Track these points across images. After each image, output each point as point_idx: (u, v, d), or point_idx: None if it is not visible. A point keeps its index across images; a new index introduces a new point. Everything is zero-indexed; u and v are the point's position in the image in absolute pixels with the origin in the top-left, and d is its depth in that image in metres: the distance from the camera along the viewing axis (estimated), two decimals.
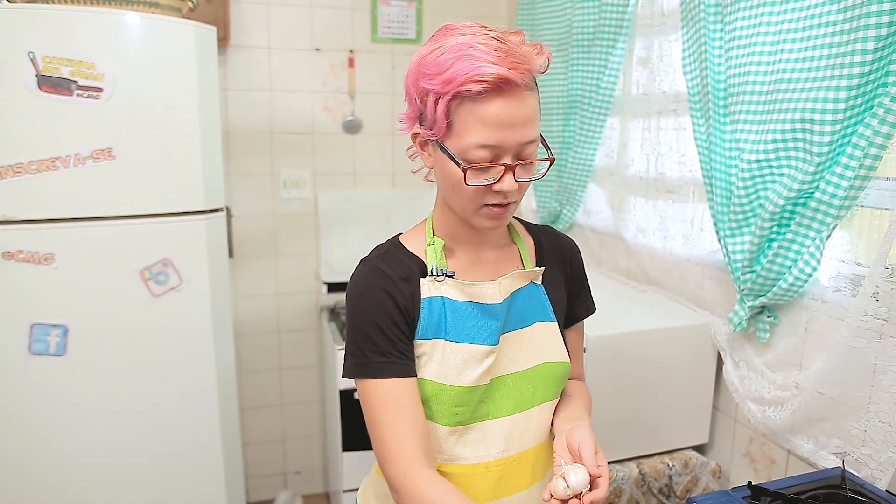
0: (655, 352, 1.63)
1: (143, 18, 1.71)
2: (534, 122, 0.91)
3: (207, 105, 1.83)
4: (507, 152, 0.90)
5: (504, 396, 1.03)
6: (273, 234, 2.68)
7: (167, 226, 1.81)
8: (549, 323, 1.08)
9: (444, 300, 1.01)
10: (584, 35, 2.10)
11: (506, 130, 0.88)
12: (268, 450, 2.83)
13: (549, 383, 1.07)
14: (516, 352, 1.04)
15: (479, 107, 0.87)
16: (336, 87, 2.64)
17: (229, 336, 2.01)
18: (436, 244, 1.04)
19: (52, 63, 1.64)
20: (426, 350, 1.00)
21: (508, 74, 0.85)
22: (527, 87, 0.89)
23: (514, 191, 0.93)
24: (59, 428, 1.79)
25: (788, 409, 1.40)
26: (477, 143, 0.89)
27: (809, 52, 1.27)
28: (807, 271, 1.34)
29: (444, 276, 1.02)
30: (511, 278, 1.05)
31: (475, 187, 0.92)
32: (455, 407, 1.01)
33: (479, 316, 1.02)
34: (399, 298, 0.98)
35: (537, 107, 0.93)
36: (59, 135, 1.68)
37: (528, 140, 0.91)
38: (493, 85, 0.86)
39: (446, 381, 0.99)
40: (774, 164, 1.37)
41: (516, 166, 0.91)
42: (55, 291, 1.74)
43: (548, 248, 1.12)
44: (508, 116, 0.88)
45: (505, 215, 0.97)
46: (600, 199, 2.26)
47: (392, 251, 1.05)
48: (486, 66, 0.85)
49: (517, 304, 1.05)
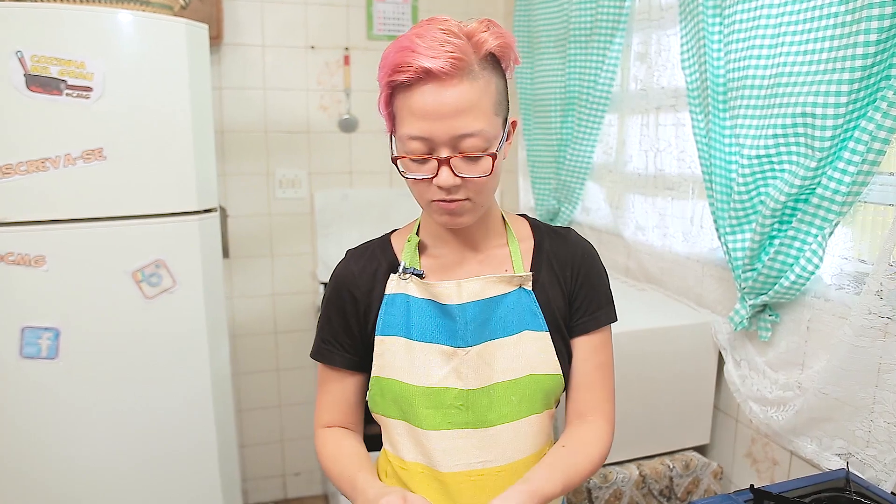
0: (655, 351, 1.60)
1: (133, 17, 1.69)
2: (470, 113, 0.87)
3: (200, 104, 1.81)
4: (441, 145, 0.88)
5: (487, 407, 0.99)
6: (269, 234, 2.65)
7: (160, 227, 1.79)
8: (538, 332, 1.01)
9: (407, 298, 1.02)
10: (582, 30, 2.07)
11: (434, 122, 0.87)
12: (266, 451, 2.81)
13: (537, 396, 1.01)
14: (500, 361, 1.00)
15: (408, 97, 0.88)
16: (331, 85, 2.62)
17: (224, 338, 1.99)
18: (411, 242, 1.04)
19: (40, 62, 1.61)
20: (389, 347, 1.01)
21: (432, 65, 0.84)
22: (459, 76, 0.86)
23: (453, 186, 0.90)
24: (52, 432, 1.77)
25: (791, 410, 1.38)
26: (408, 133, 0.89)
27: (810, 44, 1.24)
28: (809, 269, 1.32)
29: (411, 275, 1.02)
30: (480, 282, 1.01)
31: (419, 181, 0.92)
32: (426, 409, 0.99)
33: (440, 315, 1.01)
34: (356, 293, 1.04)
35: (479, 97, 0.87)
36: (49, 135, 1.65)
37: (461, 133, 0.87)
38: (416, 76, 0.85)
39: (412, 381, 0.99)
40: (775, 159, 1.34)
41: (449, 159, 0.88)
42: (46, 294, 1.71)
43: (549, 252, 1.06)
44: (435, 107, 0.86)
45: (458, 211, 0.93)
46: (599, 196, 2.23)
47: (373, 246, 1.08)
48: (412, 56, 0.85)
49: (500, 311, 1.01)
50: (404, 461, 1.03)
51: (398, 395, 1.00)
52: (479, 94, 0.87)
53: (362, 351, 1.06)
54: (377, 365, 1.02)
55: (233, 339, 2.64)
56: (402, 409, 1.01)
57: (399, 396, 1.00)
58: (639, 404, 1.60)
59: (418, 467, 1.02)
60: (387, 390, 1.01)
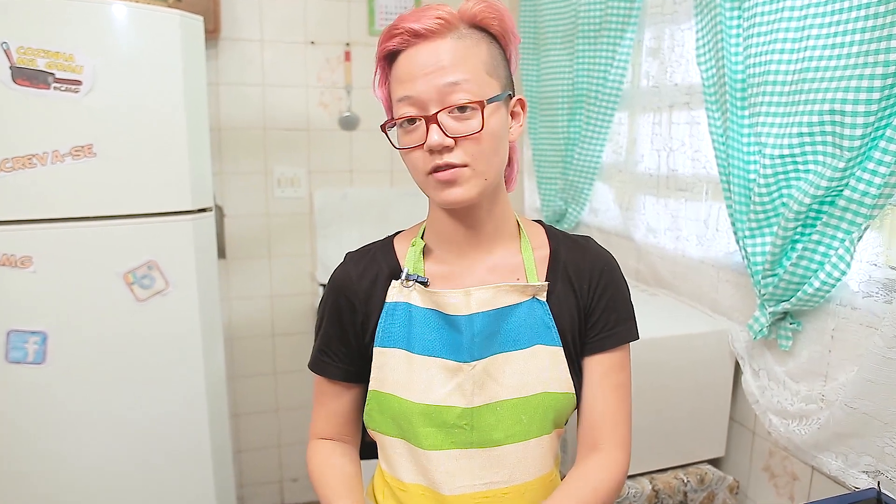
0: (668, 360, 1.53)
1: (125, 7, 1.61)
2: (455, 65, 0.85)
3: (194, 99, 1.74)
4: (429, 103, 0.86)
5: (493, 426, 0.92)
6: (267, 234, 2.58)
7: (152, 227, 1.72)
8: (552, 347, 0.94)
9: (409, 307, 0.94)
10: (590, 25, 2.00)
11: (418, 78, 0.85)
12: (263, 457, 2.74)
13: (548, 415, 0.94)
14: (509, 377, 0.92)
15: (398, 64, 0.88)
16: (332, 82, 2.55)
17: (219, 341, 1.92)
18: (415, 246, 0.97)
19: (27, 54, 1.54)
20: (389, 360, 0.94)
21: (417, 25, 0.85)
22: (443, 34, 0.86)
23: (444, 147, 0.85)
24: (40, 440, 1.70)
25: (814, 423, 1.31)
26: (398, 96, 0.88)
27: (839, 37, 1.17)
28: (835, 275, 1.25)
29: (415, 282, 0.94)
30: (491, 291, 0.93)
31: (411, 153, 0.89)
32: (427, 428, 0.92)
33: (445, 327, 0.93)
34: (354, 301, 0.98)
35: (470, 53, 0.87)
36: (36, 131, 1.58)
37: (444, 82, 0.84)
38: (403, 40, 0.86)
39: (411, 398, 0.92)
40: (800, 159, 1.27)
41: (437, 115, 0.85)
42: (33, 296, 1.64)
43: (566, 262, 0.98)
44: (422, 64, 0.85)
45: (455, 182, 0.87)
46: (608, 197, 2.16)
47: (375, 249, 1.02)
48: (399, 23, 0.87)
49: (511, 323, 0.93)
50: (403, 482, 0.96)
51: (397, 412, 0.93)
52: (463, 51, 0.86)
53: (360, 362, 0.99)
54: (375, 378, 0.95)
55: (229, 341, 2.57)
56: (400, 427, 0.94)
57: (398, 413, 0.93)
58: (651, 416, 1.53)
59: (419, 489, 0.95)
60: (385, 406, 0.94)
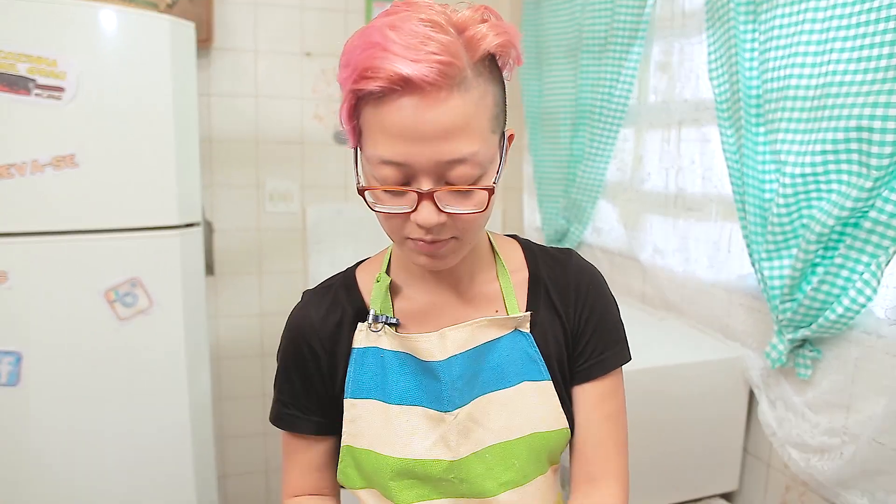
0: (678, 389, 1.45)
1: (112, 12, 1.55)
2: (461, 134, 0.67)
3: (184, 109, 1.67)
4: (423, 173, 0.68)
5: (483, 475, 0.82)
6: (258, 250, 2.50)
7: (136, 242, 1.64)
8: (540, 382, 0.84)
9: (381, 352, 0.83)
10: (596, 39, 1.94)
11: (413, 144, 0.67)
12: (249, 482, 2.63)
13: (541, 456, 0.84)
14: (494, 420, 0.82)
15: (379, 111, 0.67)
16: (327, 94, 2.48)
17: (204, 363, 1.83)
18: (381, 282, 0.84)
19: (7, 59, 1.47)
20: (362, 413, 0.83)
21: (411, 72, 0.64)
22: (448, 87, 0.66)
23: (437, 224, 0.70)
24: (13, 466, 1.60)
25: (838, 458, 1.23)
26: (381, 157, 0.69)
27: (865, 51, 1.11)
28: (859, 301, 1.17)
29: (384, 325, 0.83)
30: (469, 329, 0.83)
31: (393, 216, 0.72)
32: (408, 480, 0.82)
33: (422, 372, 0.83)
34: (318, 349, 0.86)
35: (473, 113, 0.68)
36: (15, 139, 1.51)
37: (449, 158, 0.67)
38: (391, 85, 0.65)
39: (391, 453, 0.81)
40: (822, 178, 1.20)
41: (433, 193, 0.69)
42: (8, 314, 1.56)
43: (546, 284, 0.87)
44: (416, 127, 0.66)
45: (440, 253, 0.75)
46: (612, 216, 2.09)
47: (336, 286, 0.89)
48: (384, 58, 0.64)
49: (492, 360, 0.84)
50: None
51: (374, 469, 0.82)
52: (472, 109, 0.68)
53: (330, 412, 0.88)
54: (348, 433, 0.84)
55: (216, 361, 2.47)
56: (380, 485, 0.84)
57: (375, 470, 0.82)
58: (660, 448, 1.45)
59: None
60: (363, 463, 0.84)
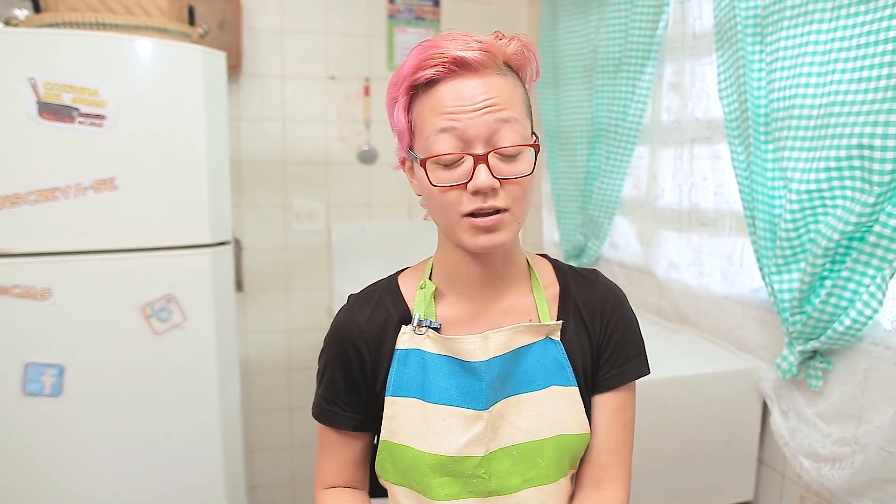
0: (693, 399, 1.49)
1: (149, 43, 1.64)
2: (507, 103, 0.80)
3: (216, 133, 1.75)
4: (477, 139, 0.79)
5: (509, 471, 0.89)
6: (284, 268, 2.58)
7: (171, 260, 1.72)
8: (567, 388, 0.91)
9: (423, 354, 0.89)
10: (610, 60, 2.00)
11: (467, 111, 0.79)
12: (277, 494, 2.69)
13: (565, 458, 0.91)
14: (524, 420, 0.89)
15: (434, 94, 0.80)
16: (351, 117, 2.57)
17: (235, 376, 1.90)
18: (426, 288, 0.91)
19: (53, 89, 1.57)
20: (401, 410, 0.90)
21: (465, 54, 0.78)
22: (492, 70, 0.80)
23: (493, 188, 0.79)
24: (55, 473, 1.68)
25: (849, 467, 1.25)
26: (438, 127, 0.79)
27: (866, 71, 1.15)
28: (866, 313, 1.21)
29: (427, 328, 0.90)
30: (509, 333, 0.89)
31: (448, 192, 0.81)
32: (442, 477, 0.88)
33: (461, 374, 0.89)
34: (363, 349, 0.92)
35: (514, 92, 0.82)
36: (60, 164, 1.60)
37: (497, 117, 0.79)
38: (447, 67, 0.79)
39: (426, 448, 0.88)
40: (827, 194, 1.24)
41: (487, 155, 0.79)
42: (51, 329, 1.65)
43: (576, 299, 0.95)
44: (470, 95, 0.79)
45: (495, 227, 0.81)
46: (628, 232, 2.14)
47: (380, 291, 0.95)
48: (440, 49, 0.79)
49: (525, 364, 0.91)
50: None
51: (410, 464, 0.89)
52: (511, 89, 0.82)
53: (370, 411, 0.94)
54: (388, 428, 0.91)
55: (245, 375, 2.55)
56: (415, 479, 0.90)
57: (410, 465, 0.89)
58: (675, 458, 1.48)
59: None
60: (399, 458, 0.90)
